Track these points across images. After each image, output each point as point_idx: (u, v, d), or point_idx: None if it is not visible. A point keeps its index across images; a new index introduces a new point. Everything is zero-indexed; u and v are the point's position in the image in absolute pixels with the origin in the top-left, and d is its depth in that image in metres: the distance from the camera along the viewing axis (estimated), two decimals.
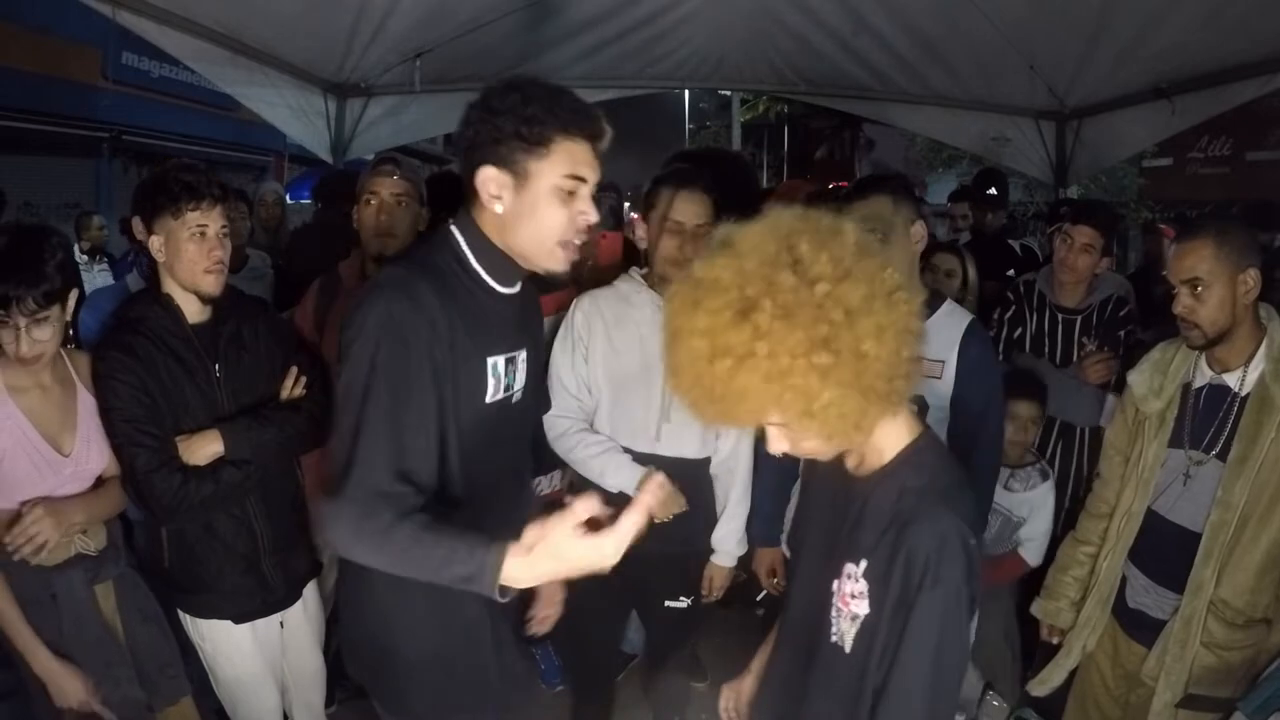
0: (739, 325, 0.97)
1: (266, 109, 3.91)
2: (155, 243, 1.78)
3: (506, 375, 1.44)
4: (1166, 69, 3.56)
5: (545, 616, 1.80)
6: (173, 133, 8.82)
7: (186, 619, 1.93)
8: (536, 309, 1.64)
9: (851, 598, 1.13)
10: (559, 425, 2.12)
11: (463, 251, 1.38)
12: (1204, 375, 1.83)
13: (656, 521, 1.72)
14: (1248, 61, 3.23)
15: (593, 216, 1.34)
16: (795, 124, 20.31)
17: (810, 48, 4.11)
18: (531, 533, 1.10)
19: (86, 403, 1.76)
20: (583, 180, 1.31)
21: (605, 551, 1.07)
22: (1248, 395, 1.75)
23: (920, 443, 1.14)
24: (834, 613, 1.15)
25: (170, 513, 1.75)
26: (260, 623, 1.96)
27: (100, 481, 1.81)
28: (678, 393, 1.08)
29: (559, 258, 1.35)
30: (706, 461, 2.17)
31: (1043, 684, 2.07)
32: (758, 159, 21.39)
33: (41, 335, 1.62)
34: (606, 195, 5.03)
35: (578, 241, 1.35)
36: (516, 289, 1.46)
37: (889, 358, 1.00)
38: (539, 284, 1.58)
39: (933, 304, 2.03)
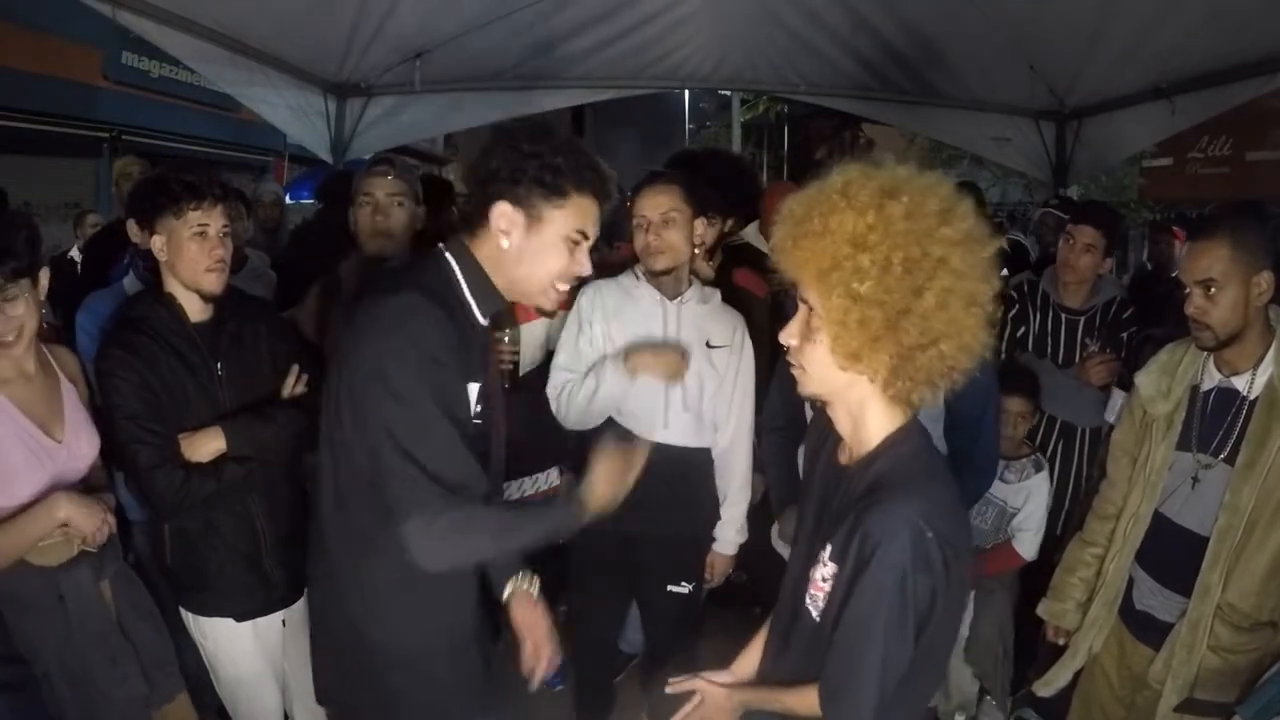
0: (874, 199, 1.09)
1: (266, 109, 3.91)
2: (157, 242, 1.80)
3: (476, 401, 1.47)
4: (1166, 69, 3.55)
5: (536, 657, 1.58)
6: (173, 133, 8.80)
7: (188, 617, 1.94)
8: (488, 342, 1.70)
9: (823, 580, 1.21)
10: (554, 392, 2.17)
11: (458, 280, 1.43)
12: (1212, 378, 1.81)
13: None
14: (1248, 61, 3.22)
15: (586, 270, 1.43)
16: (795, 124, 20.30)
17: (810, 48, 4.11)
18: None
19: (70, 392, 1.76)
20: (586, 236, 1.40)
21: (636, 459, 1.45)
22: (1256, 399, 1.73)
23: (899, 435, 1.19)
24: (808, 598, 1.24)
25: (172, 510, 1.76)
26: (262, 621, 1.96)
27: (93, 469, 1.80)
28: (779, 220, 1.17)
29: (551, 299, 1.44)
30: (706, 451, 2.23)
31: (1048, 685, 2.06)
32: (758, 159, 21.37)
33: (13, 311, 1.61)
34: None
35: (567, 289, 1.44)
36: (487, 322, 1.50)
37: (928, 325, 1.08)
38: None
39: None
